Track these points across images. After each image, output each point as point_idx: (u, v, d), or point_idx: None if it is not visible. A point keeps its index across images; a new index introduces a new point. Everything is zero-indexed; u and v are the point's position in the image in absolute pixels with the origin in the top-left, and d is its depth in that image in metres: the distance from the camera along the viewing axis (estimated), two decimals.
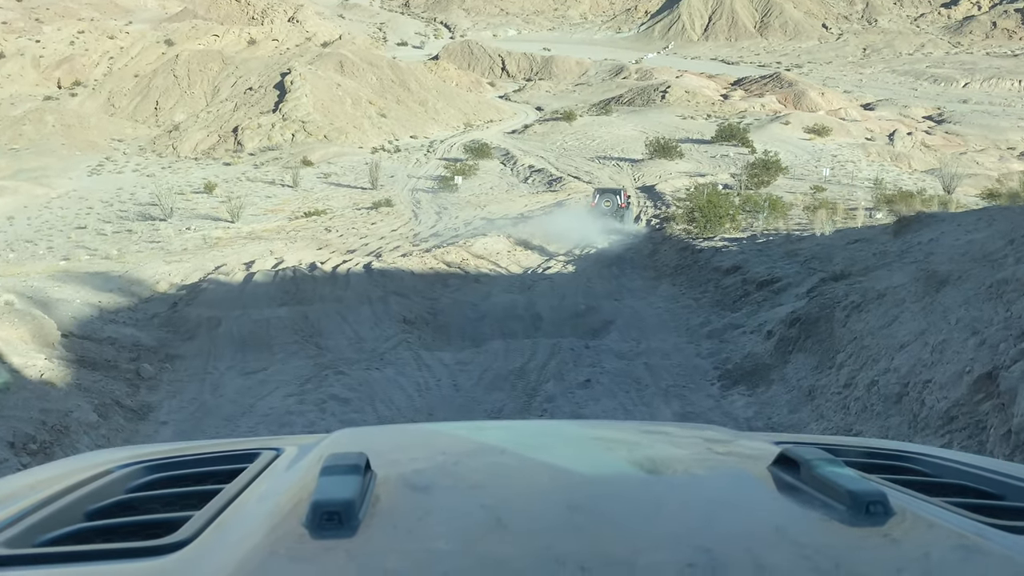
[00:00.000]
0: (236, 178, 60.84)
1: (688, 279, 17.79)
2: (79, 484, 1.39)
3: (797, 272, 14.14)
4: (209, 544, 1.08)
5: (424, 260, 19.77)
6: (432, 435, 1.81)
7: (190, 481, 1.47)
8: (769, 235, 20.61)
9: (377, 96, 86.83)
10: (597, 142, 71.91)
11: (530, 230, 26.82)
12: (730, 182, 48.35)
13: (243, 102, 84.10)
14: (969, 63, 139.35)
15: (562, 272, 20.99)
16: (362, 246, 24.27)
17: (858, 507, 1.12)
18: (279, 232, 29.53)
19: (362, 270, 18.35)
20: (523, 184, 51.74)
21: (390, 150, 70.72)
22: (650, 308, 15.58)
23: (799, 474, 1.29)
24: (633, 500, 1.23)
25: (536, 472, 1.39)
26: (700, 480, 1.41)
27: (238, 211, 41.51)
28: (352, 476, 1.16)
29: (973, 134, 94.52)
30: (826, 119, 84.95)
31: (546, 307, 15.57)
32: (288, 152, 68.70)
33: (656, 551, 1.03)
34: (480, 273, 19.92)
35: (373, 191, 49.65)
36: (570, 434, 1.84)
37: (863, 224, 20.39)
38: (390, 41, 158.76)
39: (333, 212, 41.01)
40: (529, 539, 1.06)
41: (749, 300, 13.83)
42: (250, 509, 1.22)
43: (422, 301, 16.05)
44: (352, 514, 1.05)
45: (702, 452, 1.61)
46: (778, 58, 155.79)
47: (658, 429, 2.03)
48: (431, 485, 1.29)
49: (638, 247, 25.14)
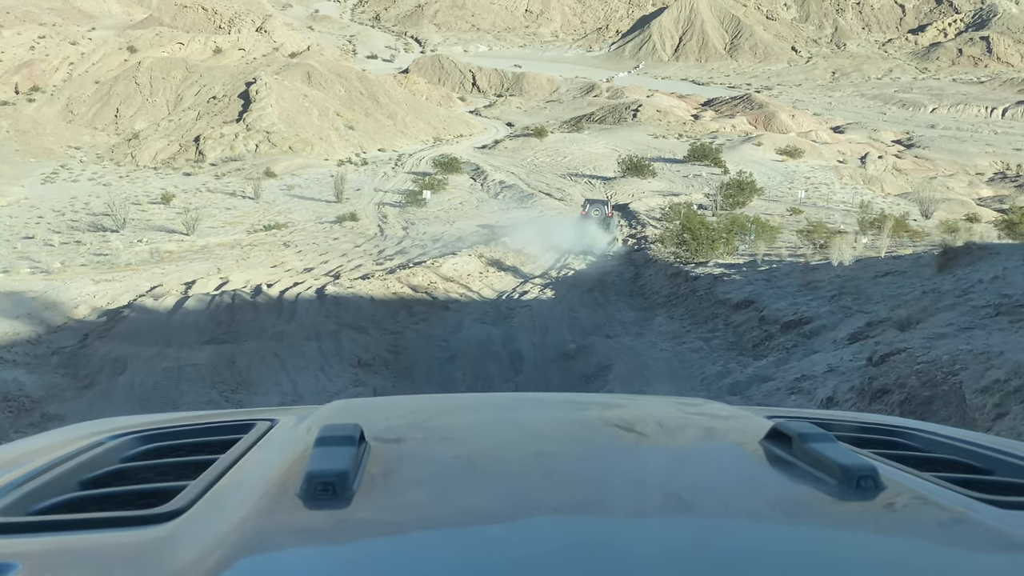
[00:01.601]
0: (196, 189, 59.32)
1: (688, 312, 15.92)
2: (74, 454, 1.38)
3: (830, 312, 11.94)
4: (204, 514, 1.08)
5: (387, 283, 17.66)
6: (426, 406, 1.81)
7: (185, 451, 1.45)
8: (772, 262, 18.78)
9: (345, 108, 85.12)
10: (568, 159, 70.93)
11: (502, 250, 25.09)
12: (705, 202, 47.59)
13: (206, 111, 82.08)
14: (936, 88, 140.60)
15: (541, 298, 19.09)
16: (320, 264, 22.04)
17: (849, 481, 1.13)
18: (234, 246, 27.56)
19: (314, 296, 16.02)
20: (493, 200, 50.33)
21: (357, 163, 69.07)
22: (652, 349, 13.32)
23: (791, 448, 1.28)
24: (620, 453, 1.26)
25: (523, 435, 1.40)
26: (686, 448, 1.43)
27: (194, 223, 39.90)
28: (346, 447, 1.17)
29: (942, 159, 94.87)
30: (798, 141, 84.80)
31: (527, 343, 13.49)
32: (251, 163, 66.95)
33: (629, 495, 1.07)
34: (450, 299, 17.96)
35: (338, 204, 48.11)
36: (563, 405, 1.83)
37: (861, 250, 18.80)
38: (360, 54, 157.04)
39: (294, 226, 39.23)
40: (511, 491, 1.11)
41: (774, 345, 11.71)
42: (245, 479, 1.22)
43: (382, 336, 13.86)
44: (346, 484, 1.06)
45: (691, 421, 1.63)
46: (748, 80, 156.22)
47: (647, 403, 2.01)
48: (424, 456, 1.31)
49: (618, 270, 23.55)
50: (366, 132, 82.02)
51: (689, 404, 1.87)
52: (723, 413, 1.74)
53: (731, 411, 1.79)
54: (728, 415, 1.72)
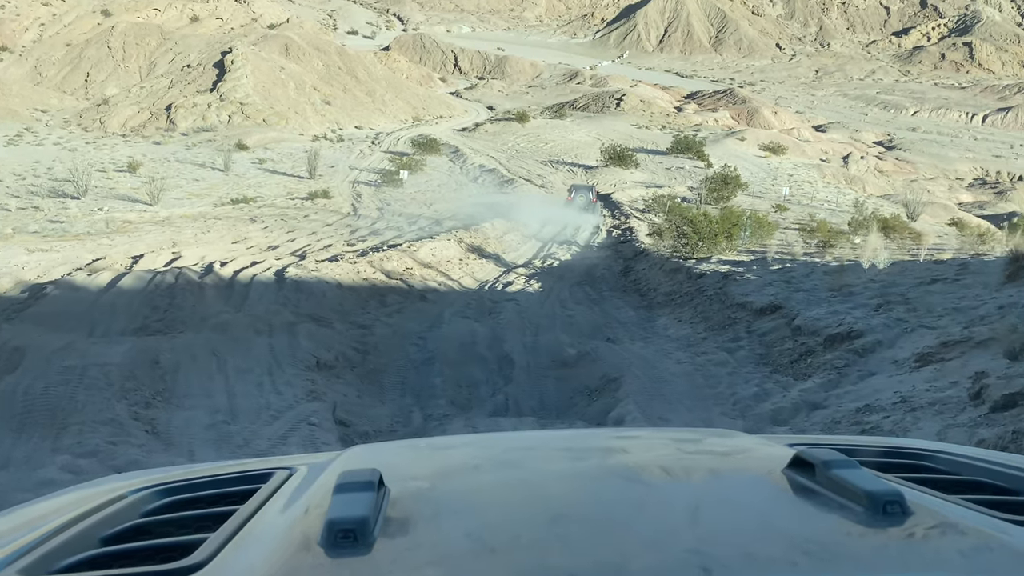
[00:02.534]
0: (164, 158, 57.66)
1: (698, 314, 14.18)
2: (93, 510, 1.38)
3: (884, 325, 10.12)
4: (225, 565, 1.09)
5: (357, 267, 15.68)
6: (446, 450, 1.81)
7: (204, 503, 1.46)
8: (784, 260, 17.47)
9: (322, 82, 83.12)
10: (550, 145, 69.73)
11: (483, 236, 23.54)
12: (688, 195, 46.62)
13: (179, 79, 79.85)
14: (918, 92, 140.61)
15: (527, 291, 17.41)
16: (287, 242, 20.31)
17: (875, 507, 1.12)
18: (197, 219, 25.87)
19: (271, 279, 13.92)
20: (473, 184, 48.95)
21: (333, 139, 67.33)
22: (667, 360, 11.31)
23: (814, 476, 1.28)
24: (640, 506, 1.23)
25: (545, 484, 1.38)
26: (712, 484, 1.42)
27: (158, 193, 38.41)
28: (366, 493, 1.17)
29: (923, 162, 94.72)
30: (782, 137, 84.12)
31: (517, 345, 11.62)
32: (223, 134, 65.10)
33: (658, 554, 1.04)
34: (427, 287, 16.19)
35: (311, 181, 46.59)
36: (585, 443, 1.81)
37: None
38: (340, 29, 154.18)
39: (263, 201, 37.63)
40: (531, 541, 1.09)
41: (819, 363, 9.78)
42: (265, 529, 1.22)
43: (348, 330, 11.89)
44: (367, 531, 1.06)
45: (715, 456, 1.61)
46: (731, 74, 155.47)
47: (671, 435, 2.01)
48: (443, 499, 1.31)
49: (606, 262, 22.15)
50: (343, 108, 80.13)
51: (708, 436, 1.87)
52: (744, 444, 1.70)
53: (752, 441, 1.76)
54: (749, 446, 1.68)
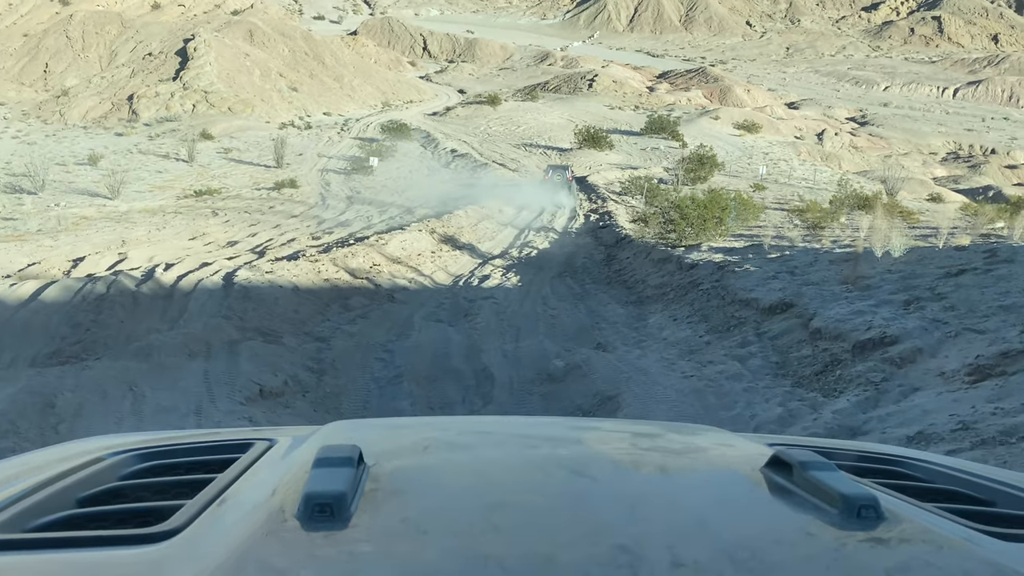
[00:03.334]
0: (127, 150, 56.22)
1: (696, 312, 12.74)
2: (71, 471, 1.38)
3: (921, 328, 8.68)
4: (200, 533, 1.08)
5: (318, 266, 14.03)
6: (426, 428, 1.80)
7: (183, 470, 1.45)
8: (783, 248, 16.10)
9: (289, 69, 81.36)
10: (523, 128, 68.66)
11: (456, 224, 22.36)
12: (665, 176, 45.88)
13: (141, 68, 77.89)
14: (889, 67, 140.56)
15: (505, 285, 15.92)
16: (247, 237, 18.94)
17: (850, 511, 1.13)
18: (156, 213, 24.56)
19: (218, 284, 12.20)
20: (445, 169, 47.81)
21: (300, 126, 65.80)
22: (670, 372, 9.80)
23: (791, 477, 1.28)
24: (617, 498, 1.23)
25: (517, 467, 1.39)
26: (684, 480, 1.42)
27: (119, 187, 36.93)
28: (345, 468, 1.16)
29: (896, 137, 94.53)
30: (756, 115, 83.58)
31: (497, 355, 10.24)
32: (187, 124, 63.45)
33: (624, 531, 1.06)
34: (396, 286, 14.71)
35: (278, 170, 45.23)
36: (560, 431, 1.81)
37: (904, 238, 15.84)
38: (306, 14, 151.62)
39: (228, 192, 36.29)
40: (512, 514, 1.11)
41: (849, 375, 8.33)
42: (242, 499, 1.22)
43: (301, 345, 10.20)
44: (344, 506, 1.06)
45: (690, 450, 1.61)
46: (703, 53, 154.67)
47: (650, 429, 1.98)
48: (422, 477, 1.30)
49: (586, 250, 21.03)
50: (310, 95, 78.49)
51: (688, 431, 1.88)
52: (723, 441, 1.71)
53: (731, 438, 1.76)
54: (728, 443, 1.69)
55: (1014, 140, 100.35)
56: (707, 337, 11.29)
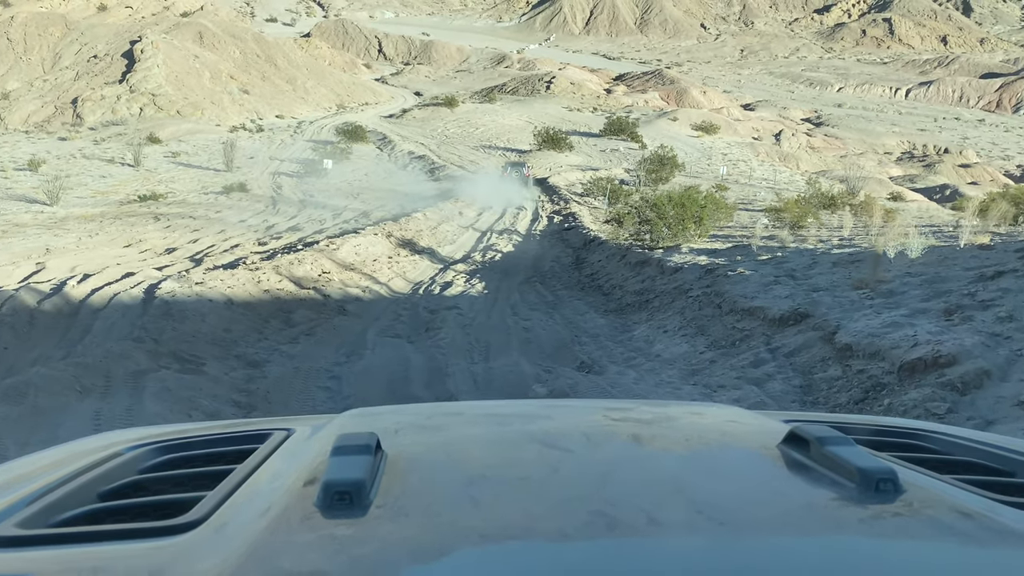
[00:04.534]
0: (70, 155, 54.37)
1: (688, 322, 11.37)
2: (92, 465, 1.38)
3: (981, 344, 7.14)
4: (221, 524, 1.09)
5: (258, 275, 12.32)
6: (442, 415, 1.80)
7: (202, 462, 1.45)
8: (773, 249, 14.91)
9: (240, 71, 79.56)
10: (481, 130, 67.83)
11: (415, 227, 21.19)
12: (626, 177, 45.37)
13: (86, 71, 75.64)
14: (842, 68, 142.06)
15: (470, 293, 14.71)
16: (188, 243, 17.41)
17: (868, 485, 1.13)
18: (93, 220, 23.10)
19: (137, 299, 10.37)
20: (402, 172, 46.72)
21: (252, 129, 64.23)
22: (675, 398, 8.28)
23: (809, 452, 1.29)
24: (634, 479, 1.22)
25: (541, 444, 1.39)
26: (704, 455, 1.41)
27: (58, 193, 35.38)
28: (363, 456, 1.17)
29: (851, 137, 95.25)
30: (714, 117, 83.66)
31: (465, 379, 8.79)
32: (134, 128, 61.62)
33: (648, 506, 1.07)
34: (348, 296, 13.23)
35: (228, 174, 43.84)
36: (575, 408, 1.81)
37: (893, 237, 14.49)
38: (258, 16, 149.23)
39: (174, 196, 34.83)
40: (529, 502, 1.11)
41: (901, 405, 6.72)
42: (262, 489, 1.22)
43: (228, 373, 8.43)
44: (363, 494, 1.06)
45: (709, 428, 1.62)
46: (658, 55, 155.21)
47: (665, 408, 2.01)
48: (441, 464, 1.31)
49: (553, 252, 19.93)
50: (262, 97, 76.79)
51: (706, 409, 1.91)
52: (740, 418, 1.71)
53: (748, 416, 1.76)
54: (745, 420, 1.69)
55: (966, 139, 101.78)
56: (709, 354, 9.82)
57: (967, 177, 77.96)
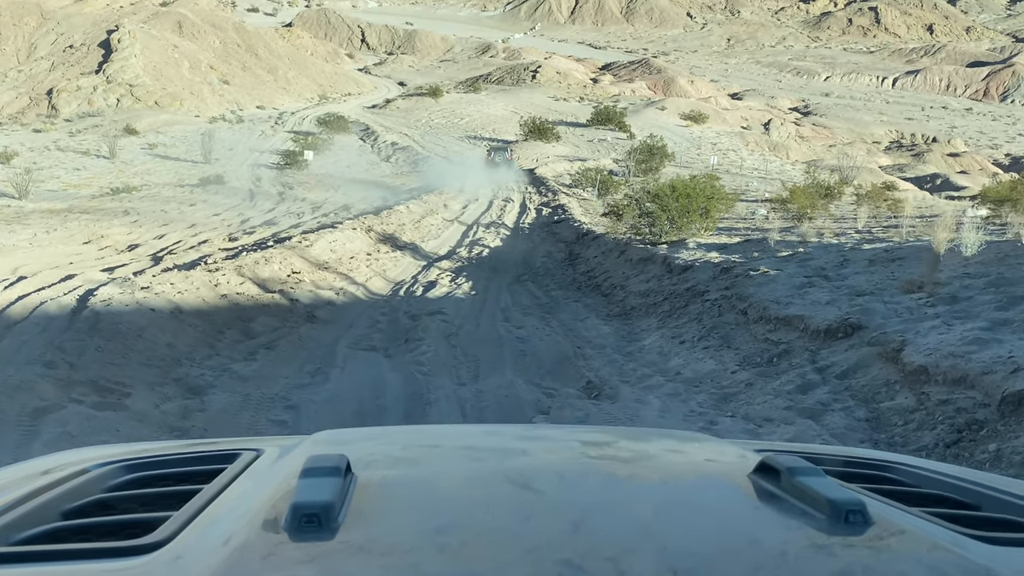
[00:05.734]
0: (44, 147, 53.11)
1: (708, 330, 9.83)
2: (56, 483, 1.36)
3: None
4: (187, 545, 1.08)
5: (217, 277, 10.91)
6: (413, 437, 1.80)
7: (169, 481, 1.44)
8: (793, 244, 13.54)
9: (220, 61, 77.99)
10: (466, 120, 66.66)
11: (397, 220, 20.04)
12: (615, 168, 44.52)
13: (62, 61, 73.95)
14: (829, 57, 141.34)
15: (455, 295, 13.34)
16: (154, 239, 16.11)
17: (837, 516, 1.14)
18: (58, 214, 21.88)
19: (64, 311, 8.60)
20: (385, 163, 45.55)
21: (232, 120, 62.84)
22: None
23: (779, 482, 1.29)
24: (603, 508, 1.21)
25: (509, 473, 1.39)
26: (672, 485, 1.42)
27: (27, 186, 34.22)
28: (332, 478, 1.16)
29: (839, 127, 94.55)
30: (702, 106, 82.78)
31: (451, 406, 7.42)
32: (111, 119, 60.24)
33: (631, 556, 1.05)
34: (318, 300, 11.72)
35: (205, 166, 42.66)
36: (552, 440, 1.80)
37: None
38: (239, 5, 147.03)
39: (149, 189, 33.61)
40: (496, 530, 1.11)
41: (1012, 453, 5.20)
42: (229, 510, 1.21)
43: (161, 403, 6.93)
44: (331, 517, 1.05)
45: (679, 457, 1.62)
46: (644, 45, 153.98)
47: (639, 434, 1.97)
48: (410, 488, 1.30)
49: (544, 247, 18.82)
50: (243, 88, 75.28)
51: (677, 438, 1.91)
52: (711, 447, 1.72)
53: (719, 445, 1.77)
54: (716, 449, 1.70)
55: (954, 128, 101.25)
56: (743, 373, 8.17)
57: (956, 166, 77.34)
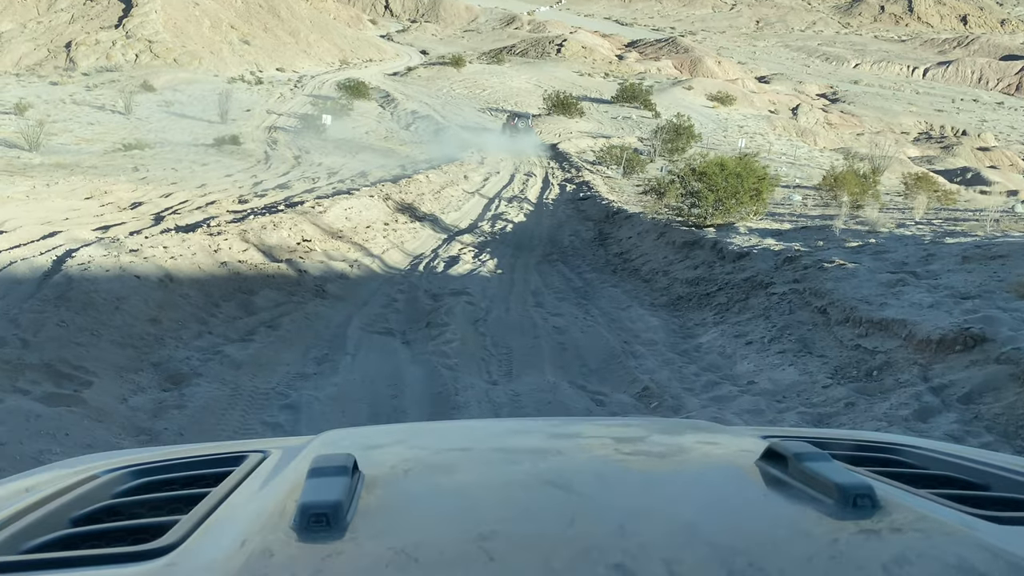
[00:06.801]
0: (60, 100, 52.20)
1: (781, 331, 8.45)
2: (65, 490, 1.37)
3: None
4: (196, 548, 1.08)
5: (218, 242, 9.64)
6: (420, 434, 1.79)
7: (177, 485, 1.44)
8: (863, 234, 12.08)
9: (241, 21, 76.81)
10: (488, 92, 65.46)
11: (416, 190, 19.05)
12: (639, 146, 43.42)
13: (81, 14, 72.89)
14: (859, 44, 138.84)
15: (480, 273, 12.16)
16: (160, 198, 14.94)
17: (845, 500, 1.14)
18: (66, 167, 21.02)
19: (35, 274, 7.40)
20: (405, 131, 44.48)
21: (251, 82, 61.72)
22: None
23: (787, 468, 1.28)
24: (614, 492, 1.24)
25: (520, 467, 1.38)
26: (681, 472, 1.43)
27: (38, 138, 33.58)
28: (340, 478, 1.16)
29: (868, 115, 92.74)
30: (729, 87, 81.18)
31: (482, 412, 6.34)
32: (129, 75, 59.29)
33: (637, 541, 1.06)
34: (329, 272, 10.50)
35: (221, 126, 41.70)
36: (553, 432, 1.78)
37: None
38: None
39: (162, 147, 32.70)
40: (508, 524, 1.11)
41: None
42: (238, 512, 1.21)
43: (130, 396, 5.64)
44: (340, 516, 1.06)
45: (687, 447, 1.61)
46: (672, 23, 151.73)
47: (643, 423, 1.95)
48: (418, 486, 1.29)
49: (571, 224, 17.79)
50: (263, 49, 74.13)
51: (679, 428, 1.90)
52: (718, 434, 1.70)
53: (726, 431, 1.75)
54: (723, 436, 1.68)
55: (984, 122, 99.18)
56: (839, 389, 6.71)
57: (986, 160, 75.64)
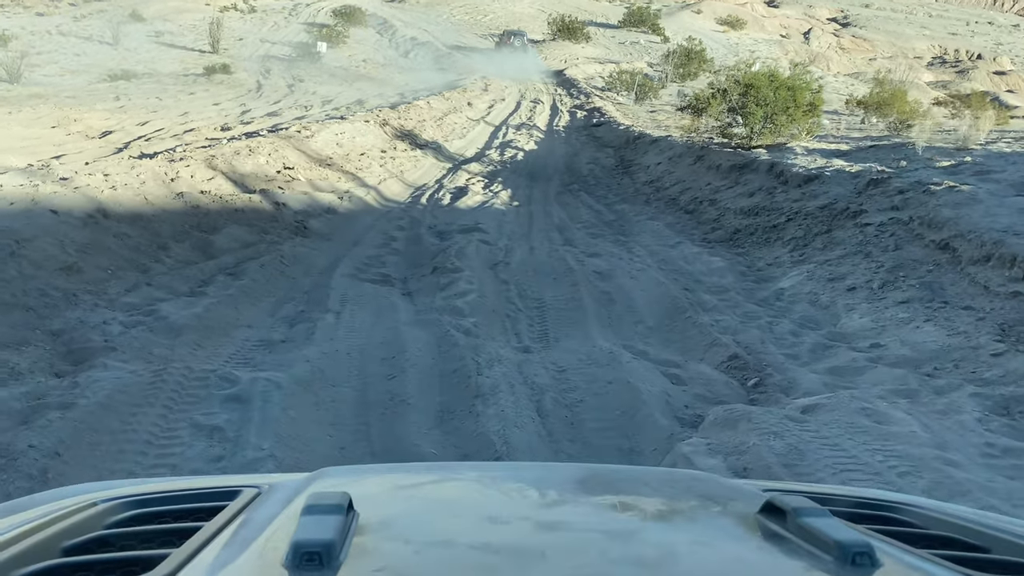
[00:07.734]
0: (46, 31, 50.39)
1: (889, 271, 6.79)
2: (57, 519, 1.35)
3: None
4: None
5: (177, 169, 7.88)
6: (417, 476, 1.79)
7: (170, 518, 1.43)
8: (953, 152, 10.45)
9: None
10: (490, 17, 63.36)
11: (416, 115, 17.60)
12: (649, 72, 41.94)
13: None
14: None
15: (493, 205, 10.49)
16: (136, 126, 13.33)
17: (844, 557, 1.13)
18: (39, 97, 19.72)
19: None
20: (403, 59, 42.83)
21: (244, 10, 59.64)
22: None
23: (785, 523, 1.28)
24: (612, 546, 1.22)
25: (511, 513, 1.39)
26: (678, 525, 1.43)
27: (19, 69, 32.21)
28: (334, 516, 1.15)
29: (880, 40, 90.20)
30: (739, 11, 78.84)
31: (519, 402, 4.07)
32: (117, 4, 57.23)
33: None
34: (313, 206, 8.75)
35: (213, 55, 40.15)
36: (551, 478, 1.77)
37: None
38: None
39: (150, 77, 31.26)
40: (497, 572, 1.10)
41: None
42: (229, 547, 1.21)
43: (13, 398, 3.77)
44: (333, 555, 1.04)
45: (684, 496, 1.61)
46: None
47: (642, 474, 1.95)
48: (412, 526, 1.30)
49: (587, 151, 16.40)
50: None
51: (679, 479, 1.89)
52: (717, 486, 1.71)
53: (725, 484, 1.76)
54: (722, 488, 1.69)
55: (1000, 45, 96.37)
56: (1020, 358, 5.25)
57: (1003, 85, 73.55)
